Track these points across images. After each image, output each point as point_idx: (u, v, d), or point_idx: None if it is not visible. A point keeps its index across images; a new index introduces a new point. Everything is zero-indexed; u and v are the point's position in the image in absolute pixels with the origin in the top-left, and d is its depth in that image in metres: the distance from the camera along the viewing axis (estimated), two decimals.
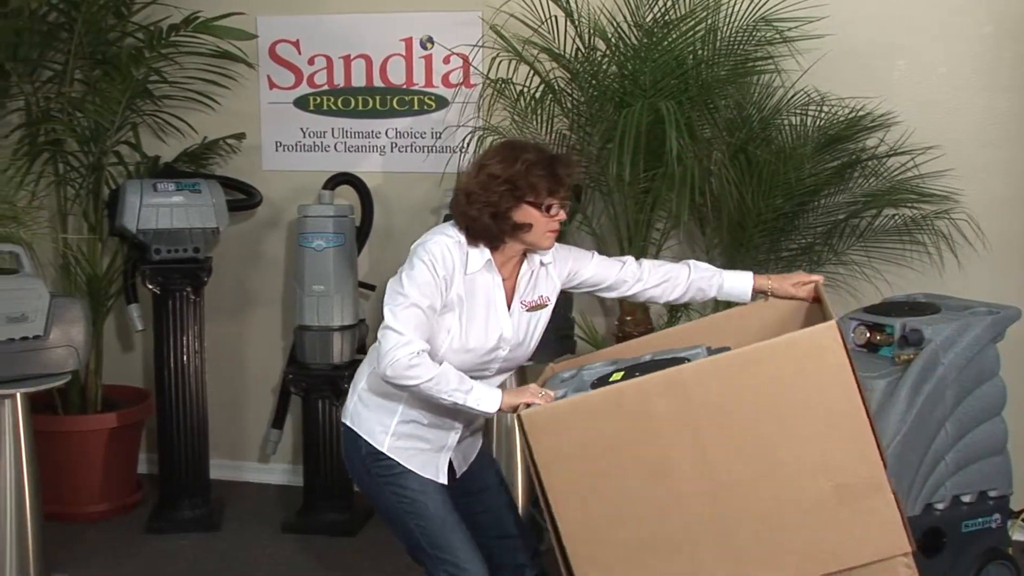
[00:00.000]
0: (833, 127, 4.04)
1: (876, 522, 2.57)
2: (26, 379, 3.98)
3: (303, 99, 4.97)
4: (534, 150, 2.82)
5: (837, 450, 2.58)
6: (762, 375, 2.58)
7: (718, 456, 2.61)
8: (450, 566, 2.89)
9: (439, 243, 2.79)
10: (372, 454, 2.91)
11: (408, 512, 2.91)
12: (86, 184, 4.84)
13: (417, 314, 2.73)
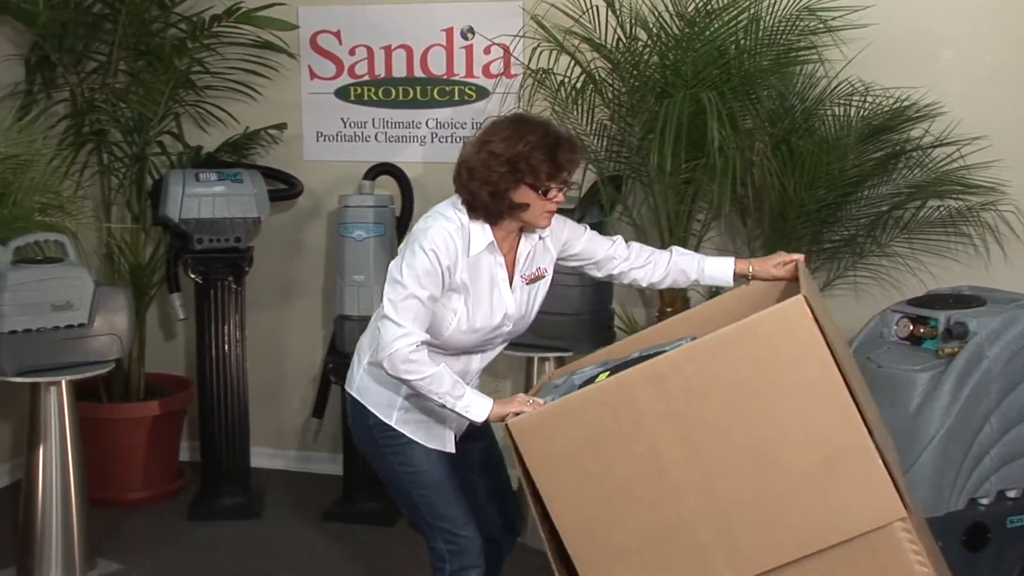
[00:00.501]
0: (877, 117, 3.99)
1: (868, 489, 2.54)
2: (71, 367, 4.05)
3: (344, 89, 4.97)
4: (539, 131, 2.79)
5: (820, 422, 2.56)
6: (736, 357, 2.58)
7: (704, 442, 2.61)
8: (448, 534, 2.95)
9: (441, 231, 2.79)
10: (378, 425, 2.96)
11: (412, 482, 2.97)
12: (130, 174, 4.87)
13: (415, 305, 2.75)
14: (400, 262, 2.79)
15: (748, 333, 2.57)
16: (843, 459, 2.55)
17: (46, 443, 4.09)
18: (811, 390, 2.55)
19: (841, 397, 2.54)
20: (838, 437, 2.55)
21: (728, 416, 2.59)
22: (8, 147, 3.88)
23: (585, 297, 4.16)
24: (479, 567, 2.98)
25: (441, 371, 2.76)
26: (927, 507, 3.42)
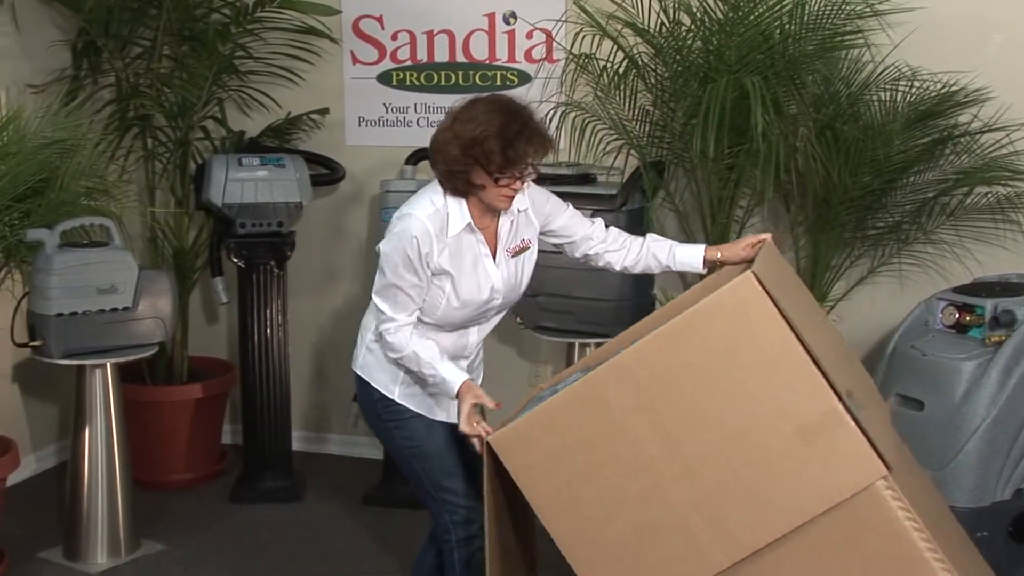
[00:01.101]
0: (924, 103, 3.95)
1: (846, 453, 2.53)
2: (115, 350, 4.10)
3: (386, 74, 4.97)
4: (500, 117, 2.79)
5: (787, 395, 2.55)
6: (697, 342, 2.59)
7: (680, 431, 2.61)
8: (451, 505, 3.04)
9: (416, 222, 2.85)
10: (382, 400, 3.06)
11: (414, 455, 3.07)
12: (173, 159, 4.90)
13: (395, 292, 2.89)
14: (385, 248, 2.89)
15: (704, 316, 2.59)
16: (816, 428, 2.54)
17: (91, 425, 4.14)
18: (774, 364, 2.55)
19: (804, 367, 2.53)
20: (807, 407, 2.54)
21: (699, 401, 2.60)
22: (55, 132, 3.90)
23: (626, 283, 4.14)
24: (483, 539, 2.99)
25: (413, 352, 2.90)
26: (972, 497, 3.42)
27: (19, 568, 4.09)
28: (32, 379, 4.94)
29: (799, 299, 2.88)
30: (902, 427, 3.54)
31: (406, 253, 2.84)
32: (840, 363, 2.78)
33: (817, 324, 2.88)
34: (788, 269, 3.09)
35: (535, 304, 4.27)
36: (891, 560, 2.53)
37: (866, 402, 2.69)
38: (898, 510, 2.51)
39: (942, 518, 2.85)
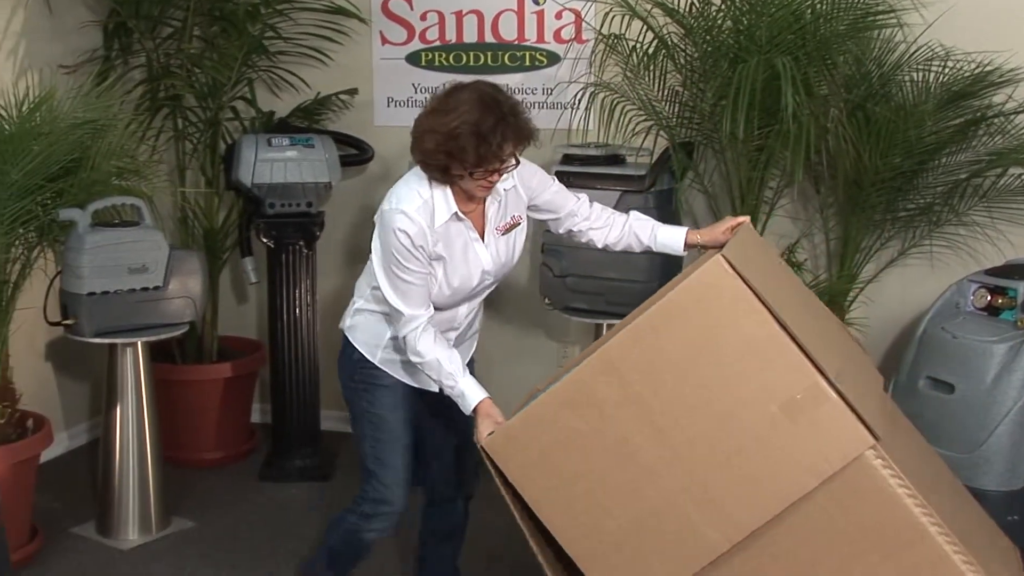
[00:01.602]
0: (957, 83, 3.92)
1: (832, 427, 2.53)
2: (146, 328, 4.12)
3: (415, 55, 4.97)
4: (477, 111, 2.76)
5: (768, 373, 2.56)
6: (674, 330, 2.60)
7: (667, 419, 2.62)
8: (378, 483, 3.11)
9: (406, 222, 2.84)
10: (361, 361, 3.11)
11: (370, 423, 3.13)
12: (203, 139, 4.92)
13: (407, 288, 2.89)
14: (381, 250, 2.90)
15: (679, 304, 2.61)
16: (800, 404, 2.55)
17: (122, 403, 4.17)
18: (752, 344, 2.57)
19: (782, 344, 2.54)
20: (789, 383, 2.55)
21: (683, 389, 2.62)
22: (86, 112, 3.90)
23: (655, 264, 4.13)
24: (385, 527, 3.17)
25: (435, 358, 2.90)
26: (1003, 481, 3.44)
27: (53, 543, 4.13)
28: (65, 357, 4.98)
29: (778, 277, 2.90)
30: (932, 410, 3.57)
31: (404, 248, 2.85)
32: (825, 337, 2.79)
33: (799, 301, 2.90)
34: (767, 249, 3.10)
35: (564, 285, 4.28)
36: (888, 527, 2.53)
37: (852, 374, 2.69)
38: (889, 478, 2.51)
39: (940, 483, 2.84)
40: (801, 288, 3.13)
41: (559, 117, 4.63)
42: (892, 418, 2.84)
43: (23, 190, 3.72)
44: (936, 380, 3.60)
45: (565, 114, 4.58)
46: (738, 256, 2.59)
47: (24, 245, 3.99)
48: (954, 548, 2.48)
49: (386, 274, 2.91)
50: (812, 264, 4.43)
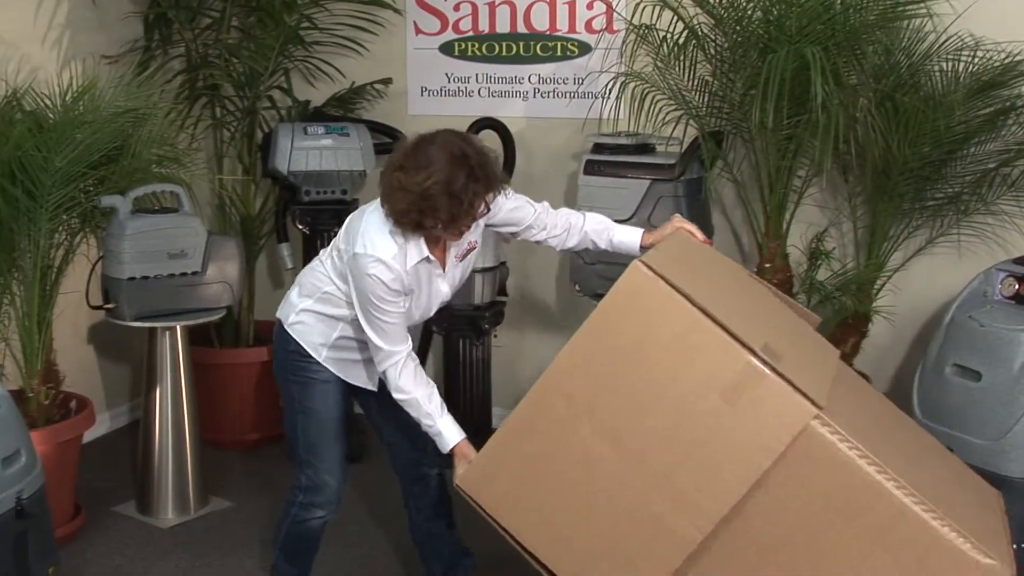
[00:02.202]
0: (987, 73, 3.87)
1: (773, 403, 2.54)
2: (185, 313, 4.15)
3: (448, 45, 4.97)
4: (447, 169, 2.75)
5: (703, 364, 2.58)
6: (608, 339, 2.66)
7: (620, 426, 2.65)
8: (312, 470, 3.17)
9: (384, 271, 2.86)
10: (298, 353, 3.15)
11: (302, 412, 3.18)
12: (241, 127, 4.95)
13: (388, 328, 2.93)
14: (358, 290, 2.92)
15: (607, 314, 2.66)
16: (738, 387, 2.56)
17: (161, 385, 4.21)
18: (681, 339, 2.60)
19: (709, 333, 2.56)
20: (724, 369, 2.57)
21: (629, 393, 2.65)
22: (127, 101, 3.92)
23: None
24: (326, 512, 3.24)
25: (416, 396, 2.96)
26: None
27: (95, 521, 4.17)
28: (106, 340, 5.02)
29: (709, 271, 2.95)
30: (959, 397, 3.54)
31: (383, 295, 2.89)
32: (761, 318, 2.83)
33: (732, 289, 2.96)
34: (700, 248, 3.10)
35: (593, 272, 4.26)
36: (848, 491, 2.52)
37: (791, 348, 2.71)
38: (839, 444, 2.51)
39: (898, 439, 2.84)
40: (741, 276, 3.16)
41: (590, 106, 4.65)
42: (843, 383, 2.85)
43: (67, 177, 3.75)
44: (963, 368, 3.55)
45: (596, 103, 4.59)
46: (658, 257, 2.66)
47: (67, 231, 4.03)
48: (914, 500, 2.47)
49: (365, 316, 2.94)
50: (840, 253, 4.40)
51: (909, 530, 2.47)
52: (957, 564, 2.43)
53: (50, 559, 3.48)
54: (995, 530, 2.61)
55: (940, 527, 2.45)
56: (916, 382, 3.74)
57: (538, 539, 2.78)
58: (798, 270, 4.28)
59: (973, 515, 2.61)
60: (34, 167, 3.67)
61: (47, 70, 4.53)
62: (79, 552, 3.93)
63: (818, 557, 2.58)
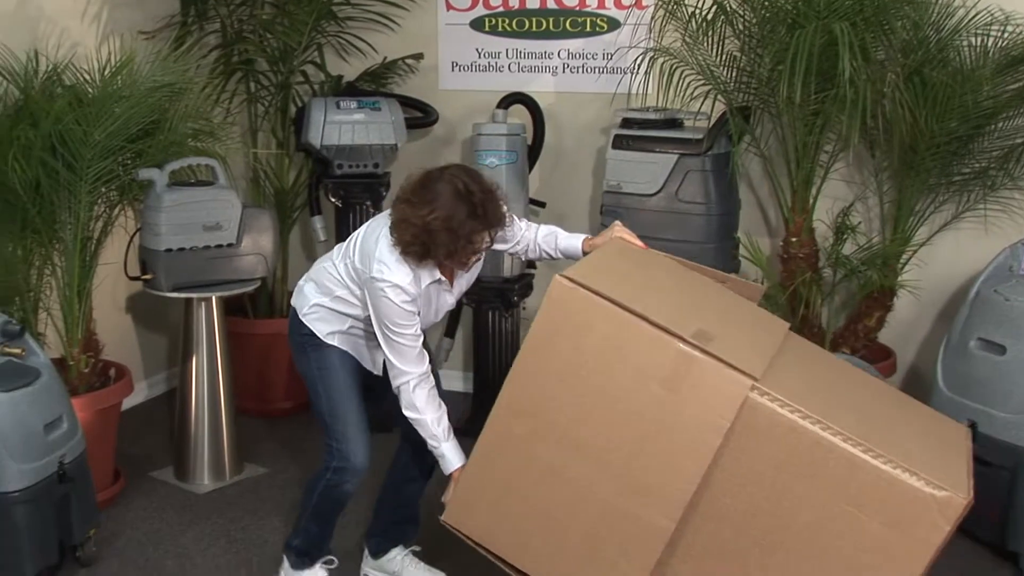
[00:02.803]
0: (1016, 48, 3.84)
1: (711, 383, 2.58)
2: (220, 284, 4.17)
3: (479, 20, 4.97)
4: (449, 206, 2.84)
5: (638, 358, 2.64)
6: (548, 355, 2.73)
7: (578, 435, 2.73)
8: (336, 433, 3.20)
9: (400, 295, 2.93)
10: (311, 336, 3.21)
11: (321, 379, 3.22)
12: (275, 102, 4.96)
13: (405, 350, 3.00)
14: (378, 314, 2.98)
15: (542, 331, 2.73)
16: (675, 375, 2.62)
17: (198, 355, 4.24)
18: (614, 340, 2.66)
19: (638, 329, 2.63)
20: (658, 361, 2.63)
21: (579, 402, 2.71)
22: (164, 76, 3.93)
23: (711, 226, 4.17)
24: (354, 481, 3.23)
25: (428, 419, 3.04)
26: None
27: (134, 486, 4.21)
28: (144, 310, 5.06)
29: (638, 269, 3.02)
30: (983, 370, 3.57)
31: (399, 317, 2.96)
32: (692, 304, 2.90)
33: (665, 282, 3.02)
34: (633, 252, 3.15)
35: None
36: (800, 453, 2.55)
37: (724, 327, 2.77)
38: (780, 410, 2.54)
39: (848, 393, 2.86)
40: (677, 271, 3.18)
41: (619, 81, 4.66)
42: (791, 352, 2.88)
43: (105, 151, 3.76)
44: (988, 341, 3.57)
45: (625, 78, 4.58)
46: (581, 268, 2.74)
47: (106, 203, 4.05)
48: (862, 449, 2.49)
49: (382, 334, 3.01)
50: (866, 227, 4.40)
51: (865, 478, 2.50)
52: (915, 501, 2.46)
53: (91, 521, 3.59)
54: (953, 463, 2.62)
55: (892, 470, 2.47)
56: (940, 355, 3.76)
57: (526, 557, 2.86)
58: (824, 244, 4.28)
59: (930, 453, 2.63)
60: (74, 141, 3.69)
61: (86, 45, 4.54)
62: (119, 515, 3.97)
63: (789, 522, 2.60)
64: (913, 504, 2.47)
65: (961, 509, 2.45)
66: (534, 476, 2.80)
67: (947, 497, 2.45)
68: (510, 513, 2.85)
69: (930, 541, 2.48)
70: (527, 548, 2.85)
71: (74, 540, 3.52)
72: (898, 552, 2.51)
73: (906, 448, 2.58)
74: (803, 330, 4.23)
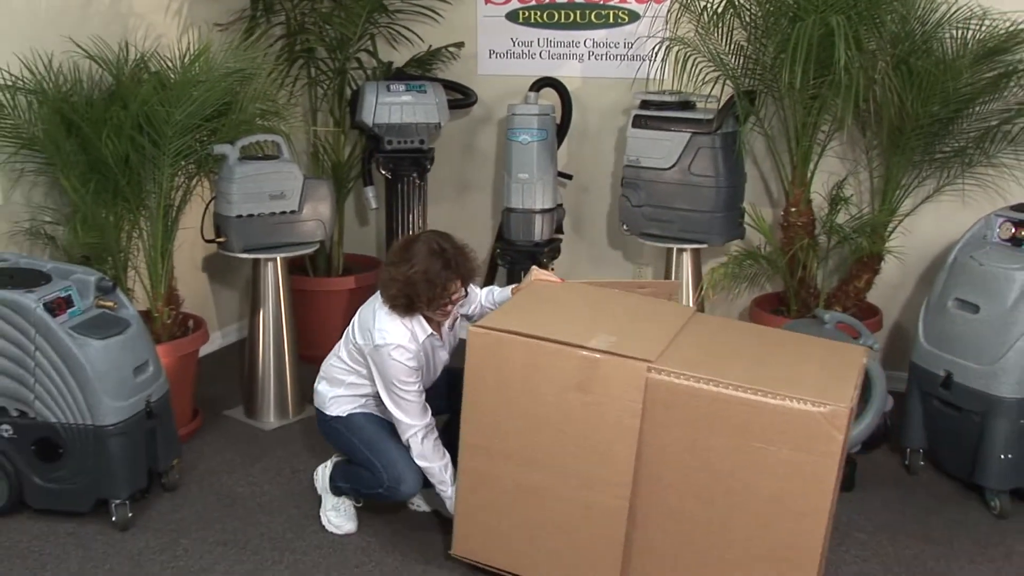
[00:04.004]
0: (992, 40, 3.82)
1: (615, 375, 2.71)
2: (284, 246, 4.19)
3: (514, 13, 4.97)
4: (427, 261, 3.00)
5: (554, 373, 2.77)
6: (484, 392, 2.88)
7: (528, 452, 2.87)
8: (387, 465, 3.21)
9: (402, 353, 3.06)
10: (336, 418, 3.34)
11: (353, 435, 3.29)
12: (332, 85, 4.96)
13: (409, 405, 3.11)
14: (390, 378, 3.09)
15: (474, 374, 2.88)
16: (584, 378, 2.74)
17: (264, 308, 4.27)
18: (530, 363, 2.80)
19: (546, 349, 2.77)
20: (569, 370, 2.75)
21: (520, 424, 2.85)
22: (235, 63, 3.95)
23: (720, 197, 4.16)
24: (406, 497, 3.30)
25: (436, 467, 3.14)
26: (1018, 389, 3.41)
27: (210, 423, 4.28)
28: (218, 269, 5.09)
29: (554, 301, 3.12)
30: (959, 327, 3.54)
31: (405, 375, 3.08)
32: (604, 316, 3.00)
33: (579, 304, 3.14)
34: (548, 289, 3.26)
35: (640, 214, 4.30)
36: (704, 412, 2.65)
37: (629, 326, 2.90)
38: (676, 380, 2.65)
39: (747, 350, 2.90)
40: (588, 291, 3.29)
41: (638, 68, 4.64)
42: (695, 330, 2.96)
43: (184, 129, 3.79)
44: (963, 301, 3.56)
45: (643, 65, 4.59)
46: (491, 317, 2.90)
47: (185, 175, 4.08)
48: (752, 391, 2.58)
49: (389, 396, 3.12)
50: (857, 199, 4.38)
51: (762, 416, 2.58)
52: (808, 422, 2.55)
53: (174, 453, 3.66)
54: (840, 382, 2.67)
55: (782, 402, 2.56)
56: (922, 313, 3.76)
57: (525, 564, 2.99)
58: (820, 214, 4.28)
59: (818, 379, 2.69)
60: (158, 120, 3.72)
61: (168, 37, 4.57)
62: (197, 448, 4.03)
63: (716, 472, 2.68)
64: (807, 425, 2.54)
65: (846, 417, 2.51)
66: (506, 496, 2.93)
67: (832, 410, 2.52)
68: (500, 532, 2.98)
69: (831, 451, 2.55)
70: (523, 556, 2.98)
71: (160, 468, 3.58)
72: (810, 470, 2.58)
73: (795, 380, 2.64)
74: (800, 290, 4.26)
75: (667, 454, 2.72)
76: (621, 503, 2.79)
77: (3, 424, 3.37)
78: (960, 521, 3.48)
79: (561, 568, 2.94)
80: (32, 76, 3.78)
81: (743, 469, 2.65)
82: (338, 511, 3.43)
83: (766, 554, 2.68)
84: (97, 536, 3.38)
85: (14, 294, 3.28)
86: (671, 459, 2.72)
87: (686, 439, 2.68)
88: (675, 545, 2.79)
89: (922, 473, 3.81)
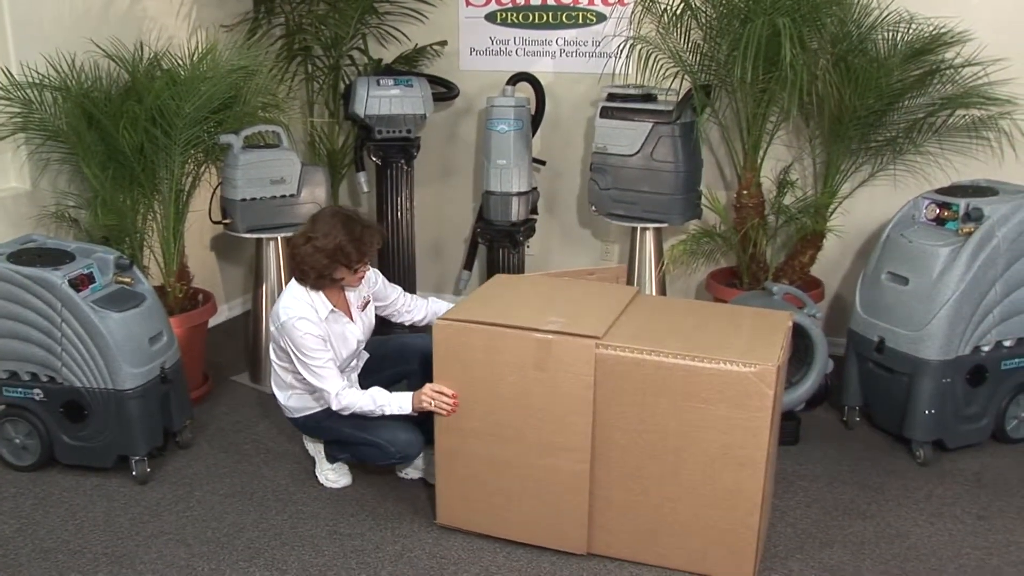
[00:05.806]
0: (918, 41, 3.87)
1: (567, 353, 2.74)
2: (284, 227, 4.19)
3: (492, 14, 4.93)
4: (344, 227, 3.04)
5: (511, 355, 2.80)
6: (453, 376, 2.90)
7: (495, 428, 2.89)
8: (387, 439, 3.19)
9: (307, 325, 3.07)
10: (302, 419, 3.33)
11: (329, 422, 3.26)
12: (327, 80, 4.94)
13: (322, 372, 3.09)
14: (298, 349, 3.08)
15: (442, 363, 2.90)
16: (540, 357, 2.78)
17: (266, 283, 4.28)
18: (491, 348, 2.82)
19: (503, 333, 2.80)
20: (525, 351, 2.79)
21: (488, 404, 2.87)
22: (240, 60, 3.95)
23: (679, 180, 4.15)
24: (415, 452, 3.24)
25: (362, 397, 3.08)
26: (941, 352, 3.44)
27: (218, 387, 4.30)
28: (224, 248, 5.09)
29: (510, 293, 3.15)
30: (890, 297, 3.56)
31: (313, 345, 3.07)
32: (557, 301, 3.04)
33: (533, 294, 3.15)
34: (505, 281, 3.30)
35: (607, 196, 4.29)
36: (649, 379, 2.70)
37: (578, 308, 2.94)
38: (622, 352, 2.70)
39: (683, 323, 2.94)
40: (543, 282, 3.33)
41: (605, 64, 4.64)
42: (638, 309, 3.00)
43: (194, 120, 3.80)
44: (894, 275, 3.60)
45: (610, 61, 4.58)
46: (453, 310, 2.93)
47: (194, 162, 4.07)
48: (688, 358, 2.64)
49: (304, 368, 3.10)
50: (802, 183, 4.39)
51: (700, 378, 2.64)
52: (741, 380, 2.61)
53: (186, 414, 3.69)
54: (768, 344, 2.74)
55: (717, 365, 2.62)
56: (858, 285, 3.78)
57: (506, 527, 3.02)
58: (769, 196, 4.29)
59: (748, 343, 2.76)
60: (170, 113, 3.72)
61: (179, 37, 4.56)
62: (207, 410, 4.05)
63: (664, 432, 2.74)
64: (740, 383, 2.60)
65: (775, 374, 2.58)
66: (481, 467, 2.96)
67: (761, 369, 2.58)
68: (478, 500, 3.01)
69: (764, 406, 2.61)
70: (500, 520, 3.01)
71: (174, 427, 3.61)
72: (747, 424, 2.64)
73: (727, 346, 2.71)
74: (751, 265, 4.26)
75: (619, 419, 2.77)
76: (583, 467, 2.83)
77: (35, 389, 3.41)
78: (890, 469, 3.54)
79: (535, 528, 2.98)
80: (57, 74, 3.78)
81: (687, 427, 2.70)
82: (334, 468, 3.46)
83: (714, 502, 2.74)
84: (120, 488, 3.42)
85: (42, 271, 3.30)
86: (623, 423, 2.77)
87: (636, 404, 2.73)
88: (633, 499, 2.84)
89: (858, 428, 3.87)
